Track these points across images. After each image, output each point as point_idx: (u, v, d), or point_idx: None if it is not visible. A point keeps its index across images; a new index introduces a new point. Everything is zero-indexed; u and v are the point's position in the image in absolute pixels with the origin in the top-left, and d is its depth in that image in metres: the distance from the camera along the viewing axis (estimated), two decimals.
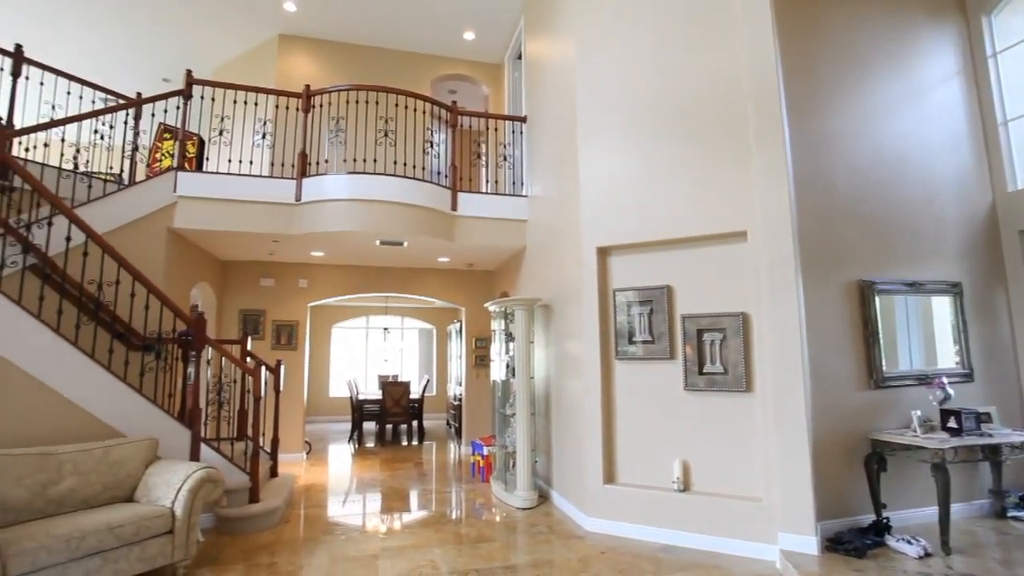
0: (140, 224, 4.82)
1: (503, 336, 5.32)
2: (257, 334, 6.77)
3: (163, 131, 6.09)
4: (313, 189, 5.23)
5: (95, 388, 3.61)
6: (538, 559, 3.49)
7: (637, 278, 4.22)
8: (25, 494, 2.93)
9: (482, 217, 5.74)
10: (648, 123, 4.18)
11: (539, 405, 5.25)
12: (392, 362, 11.81)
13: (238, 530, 4.02)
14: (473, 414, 7.41)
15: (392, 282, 7.44)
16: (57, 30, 6.96)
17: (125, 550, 2.92)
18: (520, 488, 4.68)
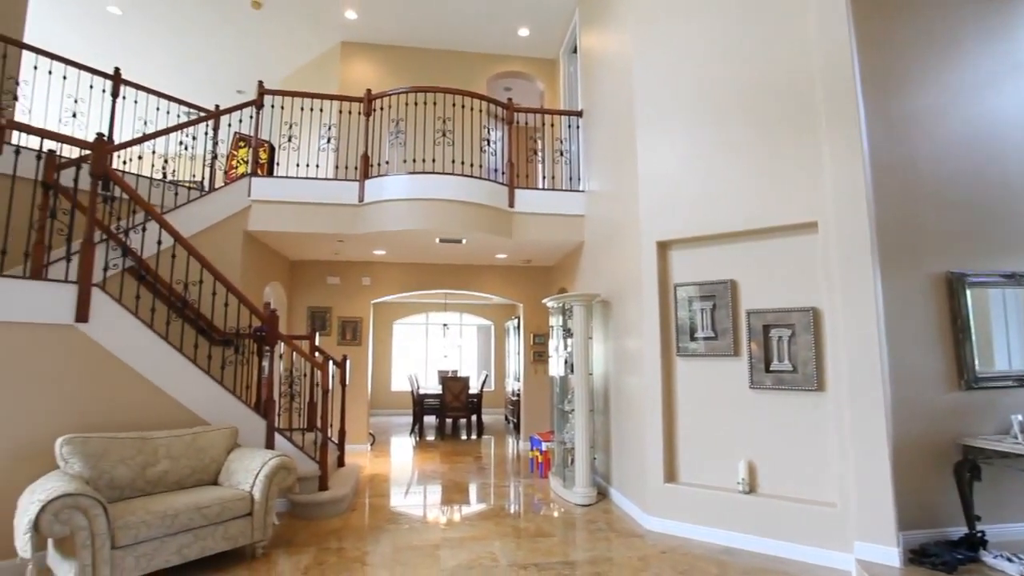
0: (219, 227, 5.17)
1: (561, 332, 5.31)
2: (324, 330, 7.10)
3: (238, 140, 6.49)
4: (375, 190, 5.42)
5: (183, 380, 3.91)
6: (597, 556, 3.47)
7: (699, 272, 4.10)
8: (128, 474, 3.23)
9: (539, 213, 5.75)
10: (708, 110, 4.04)
11: (598, 401, 5.21)
12: (451, 358, 12.06)
13: (309, 515, 4.24)
14: (531, 410, 7.45)
15: (451, 279, 7.59)
16: (146, 53, 7.56)
17: (211, 528, 3.16)
18: (579, 484, 4.67)
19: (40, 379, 3.30)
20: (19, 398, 3.22)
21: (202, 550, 3.11)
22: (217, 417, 4.03)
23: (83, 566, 2.67)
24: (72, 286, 3.44)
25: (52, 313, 3.35)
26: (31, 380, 3.27)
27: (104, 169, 3.64)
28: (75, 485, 2.76)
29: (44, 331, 3.33)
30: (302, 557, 3.44)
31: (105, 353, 3.57)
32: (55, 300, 3.37)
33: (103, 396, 3.55)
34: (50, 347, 3.35)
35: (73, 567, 2.68)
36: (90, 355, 3.51)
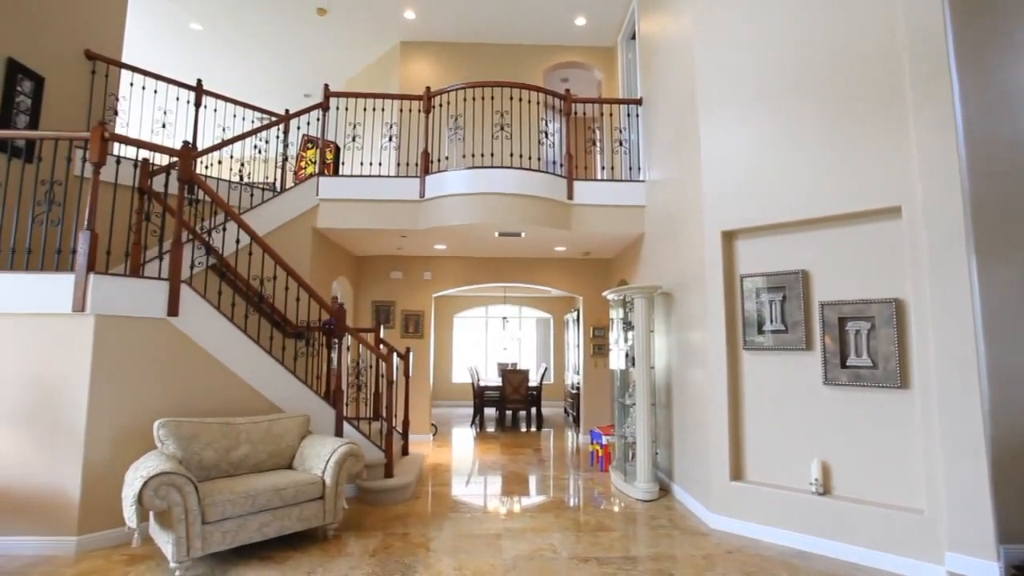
0: (290, 225, 5.46)
1: (622, 325, 5.23)
2: (388, 323, 7.35)
3: (306, 141, 6.81)
4: (435, 185, 5.53)
5: (261, 369, 4.17)
6: (659, 553, 3.41)
7: (767, 263, 3.91)
8: (214, 456, 3.49)
9: (598, 205, 5.67)
10: (777, 92, 3.83)
11: (660, 395, 5.10)
12: (510, 350, 12.16)
13: (376, 501, 4.43)
14: (591, 403, 7.40)
15: (510, 272, 7.64)
16: (223, 63, 8.07)
17: (287, 510, 3.36)
18: (640, 479, 4.60)
19: (139, 368, 3.63)
20: (124, 385, 3.55)
21: (279, 529, 3.32)
22: (290, 405, 4.27)
23: (179, 538, 2.91)
24: (164, 283, 3.75)
25: (148, 307, 3.66)
26: (133, 369, 3.59)
27: (190, 174, 3.93)
28: (171, 464, 3.02)
29: (142, 324, 3.64)
30: (370, 541, 3.60)
31: (192, 344, 3.87)
32: (150, 296, 3.68)
33: (191, 383, 3.85)
34: (147, 339, 3.66)
35: (171, 538, 2.94)
36: (180, 346, 3.81)
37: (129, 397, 3.57)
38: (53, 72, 4.59)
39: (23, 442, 3.36)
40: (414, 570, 3.12)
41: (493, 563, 3.23)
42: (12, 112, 4.22)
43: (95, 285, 3.42)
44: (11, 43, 4.23)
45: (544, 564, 3.23)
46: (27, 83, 4.35)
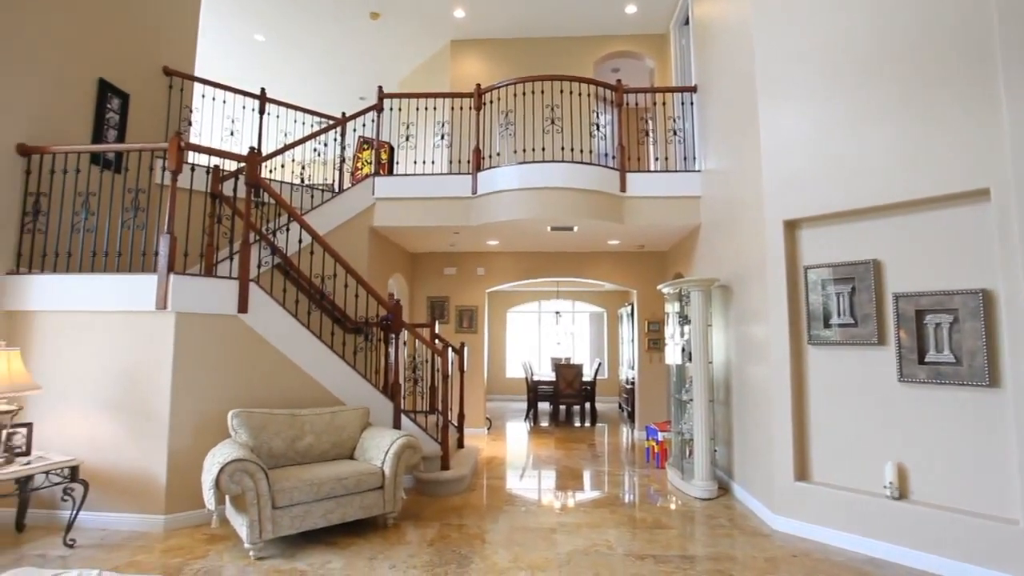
0: (348, 225, 5.66)
1: (678, 319, 5.10)
2: (443, 318, 7.49)
3: (362, 143, 7.03)
4: (487, 182, 5.58)
5: (323, 363, 4.37)
6: (719, 553, 3.32)
7: (834, 253, 3.70)
8: (282, 445, 3.69)
9: (652, 196, 5.55)
10: (845, 71, 3.60)
11: (718, 391, 4.95)
12: (564, 345, 12.12)
13: (432, 492, 4.54)
14: (646, 398, 7.27)
15: (563, 267, 7.61)
16: (284, 71, 8.45)
17: (349, 498, 3.51)
18: (698, 477, 4.48)
19: (214, 361, 3.88)
20: (201, 377, 3.81)
21: (342, 516, 3.47)
22: (351, 398, 4.44)
23: (252, 521, 3.11)
24: (234, 282, 3.98)
25: (221, 305, 3.91)
26: (208, 362, 3.85)
27: (256, 178, 4.15)
28: (243, 452, 3.22)
29: (215, 320, 3.89)
30: (427, 530, 3.70)
31: (260, 339, 4.09)
32: (222, 294, 3.92)
33: (260, 376, 4.08)
34: (220, 334, 3.91)
35: (245, 520, 3.13)
36: (249, 341, 4.04)
37: (205, 388, 3.83)
38: (136, 89, 4.97)
39: (118, 428, 3.68)
40: (470, 561, 3.19)
41: (548, 557, 3.25)
42: (103, 127, 4.60)
43: (175, 285, 3.68)
44: (101, 65, 4.61)
45: (599, 559, 3.22)
46: (115, 100, 4.72)
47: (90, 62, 4.51)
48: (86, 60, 4.47)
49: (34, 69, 4.02)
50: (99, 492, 3.59)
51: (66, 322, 3.80)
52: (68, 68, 4.30)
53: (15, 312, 3.84)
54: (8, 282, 3.84)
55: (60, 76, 4.24)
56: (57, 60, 4.21)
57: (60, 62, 4.23)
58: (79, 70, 4.41)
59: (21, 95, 3.93)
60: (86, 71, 4.48)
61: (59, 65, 4.22)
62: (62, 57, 4.25)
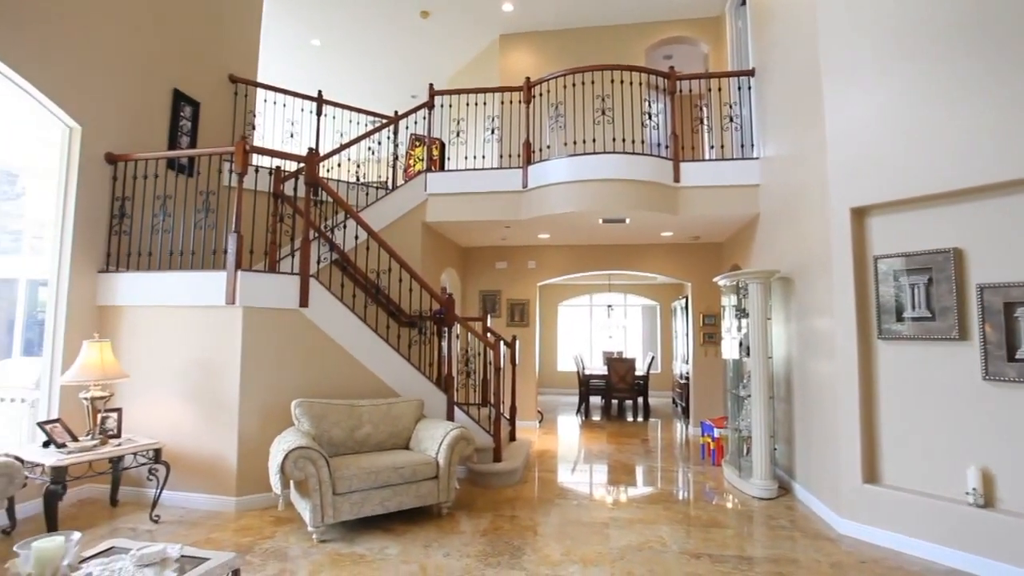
0: (402, 221, 5.80)
1: (735, 312, 4.93)
2: (495, 312, 7.56)
3: (414, 140, 7.17)
4: (538, 175, 5.57)
5: (379, 356, 4.51)
6: (779, 555, 3.20)
7: (907, 241, 3.46)
8: (341, 434, 3.85)
9: (707, 186, 5.37)
10: (920, 41, 3.34)
11: (778, 388, 4.75)
12: (616, 339, 11.96)
13: (485, 483, 4.61)
14: (701, 394, 7.08)
15: (615, 259, 7.50)
16: (339, 73, 8.73)
17: (405, 487, 3.62)
18: (757, 476, 4.33)
19: (278, 353, 4.09)
20: (266, 367, 4.02)
21: (399, 504, 3.58)
22: (405, 390, 4.57)
23: (314, 505, 3.26)
24: (295, 277, 4.17)
25: (283, 299, 4.10)
26: (272, 353, 4.06)
27: (314, 177, 4.33)
28: (306, 440, 3.38)
29: (279, 314, 4.09)
30: (480, 521, 3.76)
31: (320, 332, 4.27)
32: (285, 289, 4.11)
33: (320, 367, 4.26)
34: (284, 327, 4.11)
35: (308, 505, 3.30)
36: (310, 334, 4.23)
37: (270, 378, 4.04)
38: (206, 97, 5.27)
39: (196, 415, 3.95)
40: (523, 552, 3.22)
41: (600, 551, 3.24)
42: (178, 134, 4.92)
43: (242, 281, 3.90)
44: (175, 76, 4.92)
45: (653, 556, 3.17)
46: (187, 108, 5.04)
47: (165, 74, 4.83)
48: (162, 73, 4.79)
49: (118, 84, 4.35)
50: (179, 473, 3.87)
51: (148, 316, 4.11)
52: (147, 81, 4.62)
53: (106, 307, 4.19)
54: (100, 280, 4.19)
55: (140, 89, 4.56)
56: (137, 74, 4.53)
57: (140, 76, 4.55)
58: (156, 82, 4.73)
59: (108, 108, 4.26)
60: (162, 83, 4.79)
61: (139, 79, 4.54)
62: (142, 71, 4.57)
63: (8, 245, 4.34)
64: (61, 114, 3.93)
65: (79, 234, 4.04)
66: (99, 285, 4.19)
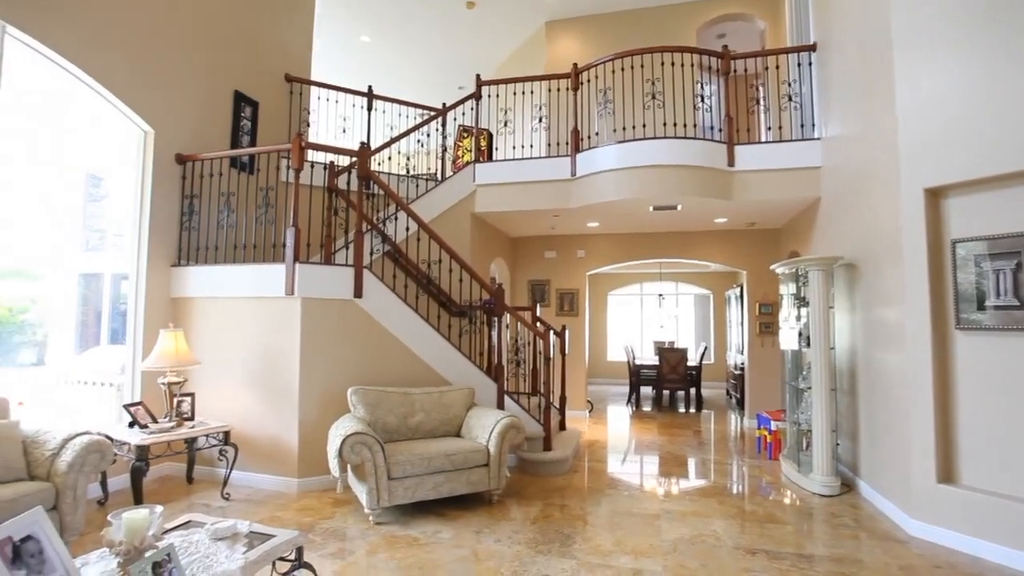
0: (451, 212, 5.87)
1: (793, 301, 4.73)
2: (544, 302, 7.56)
3: (462, 131, 7.23)
4: (586, 163, 5.50)
5: (430, 345, 4.61)
6: (842, 555, 3.07)
7: (991, 223, 3.20)
8: (395, 421, 3.97)
9: (763, 170, 5.14)
10: (1001, 4, 3.05)
11: (841, 380, 4.53)
12: (667, 328, 11.72)
13: (535, 472, 4.64)
14: (757, 385, 6.84)
15: (666, 247, 7.33)
16: (388, 68, 8.88)
17: (457, 473, 3.70)
18: (818, 471, 4.16)
19: (334, 342, 4.25)
20: (323, 356, 4.19)
21: (451, 490, 3.66)
22: (456, 378, 4.65)
23: (371, 489, 3.39)
24: (350, 269, 4.31)
25: (339, 290, 4.25)
26: (329, 342, 4.22)
27: (366, 171, 4.44)
28: (362, 426, 3.51)
29: (335, 304, 4.25)
30: (531, 509, 3.80)
31: (374, 322, 4.40)
32: (340, 280, 4.26)
33: (374, 356, 4.40)
34: (339, 317, 4.27)
35: (364, 488, 3.43)
36: (364, 323, 4.37)
37: (328, 366, 4.21)
38: (264, 96, 5.50)
39: (260, 400, 4.17)
40: (573, 541, 3.23)
41: (652, 543, 3.21)
42: (239, 134, 5.16)
43: (300, 273, 4.06)
44: (236, 78, 5.16)
45: (706, 550, 3.11)
46: (247, 109, 5.27)
47: (227, 77, 5.06)
48: (224, 76, 5.03)
49: (186, 88, 4.60)
50: (246, 454, 4.11)
51: (216, 307, 4.36)
52: (210, 84, 4.87)
53: (178, 298, 4.47)
54: (173, 273, 4.48)
55: (205, 92, 4.81)
56: (202, 78, 4.77)
57: (205, 80, 4.80)
58: (219, 85, 4.97)
59: (177, 111, 4.52)
60: (224, 85, 5.03)
61: (204, 82, 4.79)
62: (206, 75, 4.81)
63: (95, 242, 4.70)
64: (137, 119, 4.21)
65: (154, 231, 4.33)
66: (172, 278, 4.48)
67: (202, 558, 1.95)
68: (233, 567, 1.90)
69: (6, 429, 2.89)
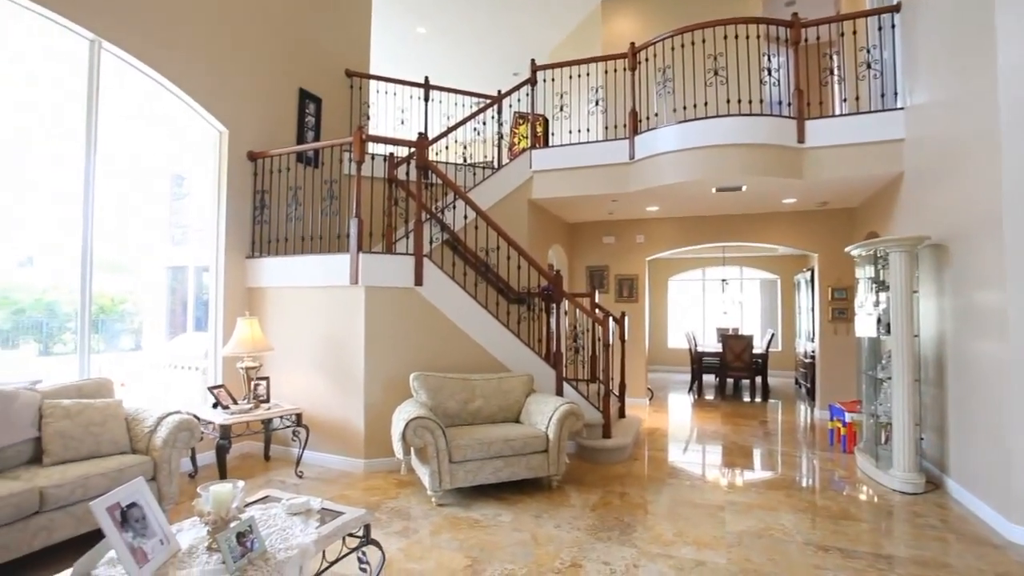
0: (508, 199, 5.88)
1: (871, 285, 4.42)
2: (602, 288, 7.46)
3: (517, 118, 7.19)
4: (645, 145, 5.35)
5: (489, 331, 4.66)
6: (926, 557, 2.87)
7: None
8: (455, 406, 4.07)
9: (838, 145, 4.81)
10: None
11: (927, 370, 4.21)
12: (731, 315, 11.28)
13: (594, 459, 4.63)
14: (829, 374, 6.48)
15: (729, 231, 7.04)
16: (444, 58, 8.95)
17: (516, 458, 3.74)
18: (899, 467, 3.90)
19: (396, 328, 4.38)
20: (386, 342, 4.34)
21: (510, 475, 3.72)
22: (515, 365, 4.69)
23: (433, 471, 3.50)
24: (410, 258, 4.42)
25: (400, 279, 4.37)
26: (391, 329, 4.36)
27: (425, 161, 4.52)
28: (424, 411, 3.62)
29: (396, 293, 4.38)
30: (590, 496, 3.79)
31: (434, 309, 4.50)
32: (401, 269, 4.38)
33: (434, 342, 4.51)
34: (401, 305, 4.39)
35: (427, 470, 3.54)
36: (424, 311, 4.47)
37: (390, 352, 4.36)
38: (326, 92, 5.69)
39: (330, 384, 4.39)
40: (633, 529, 3.21)
41: (715, 535, 3.13)
42: (304, 130, 5.38)
43: (363, 262, 4.21)
44: (300, 76, 5.37)
45: (774, 545, 3.00)
46: (311, 105, 5.48)
47: (292, 75, 5.28)
48: (289, 74, 5.24)
49: (256, 88, 4.84)
50: (316, 435, 4.34)
51: (286, 296, 4.60)
52: (277, 83, 5.09)
53: (253, 288, 4.75)
54: (248, 265, 4.76)
55: (272, 91, 5.04)
56: (269, 79, 5.00)
57: (272, 79, 5.02)
58: (285, 83, 5.19)
59: (248, 111, 4.77)
60: (290, 83, 5.25)
61: (271, 82, 5.02)
62: (273, 74, 5.04)
63: (180, 237, 5.06)
64: (213, 120, 4.47)
65: (230, 225, 4.61)
66: (247, 269, 4.76)
67: (279, 531, 2.08)
68: (307, 540, 2.02)
69: (112, 407, 3.19)
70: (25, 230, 3.75)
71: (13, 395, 2.90)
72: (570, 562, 2.78)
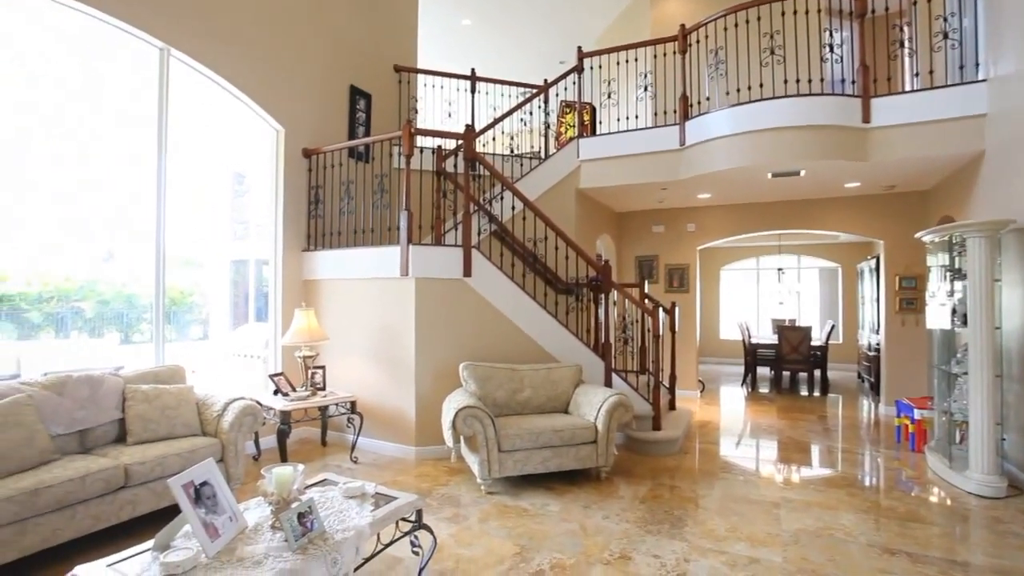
0: (556, 189, 5.85)
1: (945, 273, 4.14)
2: (652, 278, 7.32)
3: (564, 107, 7.12)
4: (696, 130, 5.19)
5: (537, 322, 4.67)
6: (1008, 567, 2.68)
7: None
8: (504, 396, 4.11)
9: (909, 123, 4.50)
10: None
11: (1010, 365, 3.91)
12: (787, 305, 10.83)
13: (643, 451, 4.57)
14: (896, 368, 6.13)
15: (786, 218, 6.75)
16: (489, 49, 8.94)
17: (565, 449, 3.75)
18: (976, 469, 3.65)
19: (445, 319, 4.46)
20: (436, 332, 4.43)
21: (559, 465, 3.73)
22: (563, 356, 4.68)
23: (482, 460, 3.55)
24: (459, 249, 4.47)
25: (449, 270, 4.44)
26: (441, 320, 4.44)
27: (472, 153, 4.55)
28: (473, 400, 3.67)
29: (446, 284, 4.45)
30: (639, 488, 3.76)
31: (482, 300, 4.55)
32: (450, 260, 4.44)
33: (483, 333, 4.56)
34: (450, 295, 4.46)
35: (476, 459, 3.60)
36: (473, 301, 4.53)
37: (440, 342, 4.44)
38: (376, 88, 5.82)
39: (382, 373, 4.52)
40: (684, 523, 3.16)
41: (771, 532, 3.04)
42: (355, 125, 5.52)
43: (413, 254, 4.30)
44: (350, 73, 5.51)
45: (834, 545, 2.89)
46: (362, 101, 5.61)
47: (343, 73, 5.42)
48: (341, 72, 5.39)
49: (309, 86, 5.00)
50: (370, 422, 4.49)
51: (340, 287, 4.76)
52: (329, 81, 5.25)
53: (309, 280, 4.95)
54: (304, 258, 4.95)
55: (324, 88, 5.19)
56: (321, 77, 5.16)
57: (324, 78, 5.18)
58: (336, 81, 5.34)
59: (302, 109, 4.94)
60: (341, 81, 5.40)
61: (323, 80, 5.17)
62: (326, 74, 5.19)
63: (241, 232, 5.33)
64: (270, 119, 4.66)
65: (287, 219, 4.80)
66: (303, 262, 4.95)
67: (336, 512, 2.18)
68: (363, 523, 2.10)
69: (184, 392, 3.41)
70: (107, 228, 4.04)
71: (101, 380, 3.16)
72: (619, 554, 2.77)
